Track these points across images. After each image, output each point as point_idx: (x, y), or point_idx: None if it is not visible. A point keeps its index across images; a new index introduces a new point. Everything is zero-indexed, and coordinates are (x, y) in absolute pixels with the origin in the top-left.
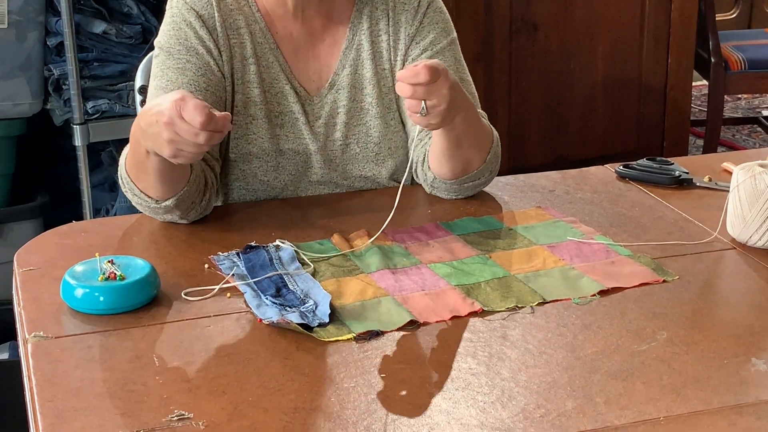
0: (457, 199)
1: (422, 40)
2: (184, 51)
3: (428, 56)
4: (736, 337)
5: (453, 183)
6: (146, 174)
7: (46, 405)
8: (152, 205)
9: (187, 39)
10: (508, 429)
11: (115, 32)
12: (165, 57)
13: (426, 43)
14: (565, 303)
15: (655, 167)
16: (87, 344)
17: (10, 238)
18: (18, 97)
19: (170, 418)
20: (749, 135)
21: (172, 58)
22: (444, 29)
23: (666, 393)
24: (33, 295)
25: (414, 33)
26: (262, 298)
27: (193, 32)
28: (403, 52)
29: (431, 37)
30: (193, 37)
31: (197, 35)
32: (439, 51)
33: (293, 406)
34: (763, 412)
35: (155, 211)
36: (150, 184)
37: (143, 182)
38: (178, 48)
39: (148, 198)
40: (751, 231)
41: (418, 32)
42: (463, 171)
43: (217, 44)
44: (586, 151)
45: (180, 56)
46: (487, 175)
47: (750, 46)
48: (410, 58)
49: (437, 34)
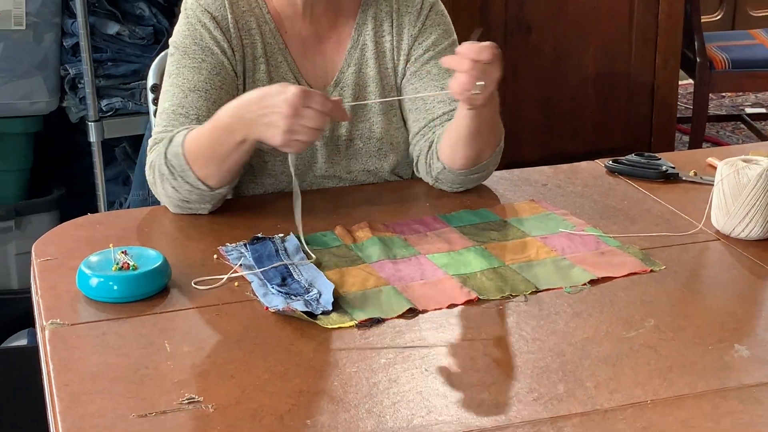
0: (455, 192)
1: (425, 40)
2: (200, 51)
3: (430, 56)
4: (720, 324)
5: (460, 174)
6: (222, 163)
7: (63, 389)
8: (205, 193)
9: (202, 39)
10: (502, 411)
11: (128, 33)
12: (181, 56)
13: (429, 43)
14: (557, 292)
15: (643, 162)
16: (101, 331)
17: (28, 230)
18: (35, 96)
19: (181, 401)
20: (733, 131)
21: (188, 57)
22: (446, 31)
23: (653, 377)
24: (50, 284)
25: (417, 33)
26: (269, 287)
27: (208, 32)
28: (406, 51)
29: (434, 38)
30: (208, 37)
31: (211, 35)
32: (441, 51)
33: (298, 390)
34: (745, 396)
35: (201, 198)
36: (217, 173)
37: (209, 170)
38: (193, 48)
39: (204, 186)
40: (735, 223)
41: (420, 33)
42: (474, 161)
43: (230, 44)
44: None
45: (196, 56)
46: (490, 168)
47: (734, 47)
48: (413, 58)
49: (439, 35)
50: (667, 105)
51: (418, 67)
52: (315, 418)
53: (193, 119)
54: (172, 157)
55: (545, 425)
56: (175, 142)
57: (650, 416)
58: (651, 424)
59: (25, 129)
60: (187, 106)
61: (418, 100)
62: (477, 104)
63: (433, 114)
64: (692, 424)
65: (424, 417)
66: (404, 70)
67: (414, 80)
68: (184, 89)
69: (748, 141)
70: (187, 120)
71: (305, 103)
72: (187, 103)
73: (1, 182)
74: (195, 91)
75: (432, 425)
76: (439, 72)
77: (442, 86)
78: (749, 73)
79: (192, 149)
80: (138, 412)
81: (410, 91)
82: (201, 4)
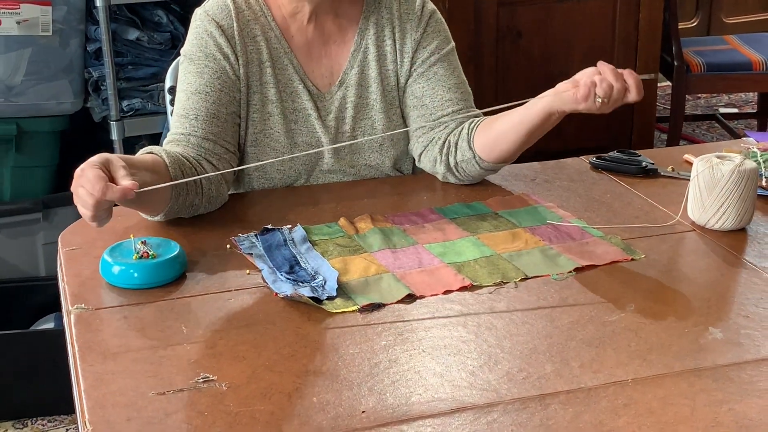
0: (451, 185)
1: (428, 45)
2: (203, 57)
3: (435, 59)
4: (696, 309)
5: (487, 165)
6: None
7: (87, 369)
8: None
9: (207, 46)
10: (494, 390)
11: (147, 39)
12: (188, 63)
13: (432, 47)
14: (544, 279)
15: (625, 159)
16: (123, 315)
17: (55, 222)
18: (61, 97)
19: (196, 380)
20: (707, 130)
21: (193, 64)
22: (446, 37)
23: (633, 358)
24: (75, 271)
25: (420, 38)
26: (278, 274)
27: (213, 40)
28: (410, 54)
29: (436, 43)
30: (212, 44)
31: (216, 43)
32: (444, 55)
33: (304, 370)
34: (719, 375)
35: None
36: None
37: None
38: (198, 55)
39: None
40: (709, 215)
41: (423, 38)
42: (509, 157)
43: (234, 50)
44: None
45: (199, 62)
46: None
47: (709, 51)
48: (419, 60)
49: (441, 41)
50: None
51: (426, 68)
52: (320, 396)
53: (192, 119)
54: None
55: (533, 402)
56: None
57: (631, 394)
58: (631, 401)
59: (52, 128)
60: (188, 108)
61: (421, 98)
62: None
63: (442, 111)
64: (670, 401)
65: (421, 395)
66: (409, 72)
67: (422, 81)
68: (187, 93)
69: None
70: (187, 121)
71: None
72: (188, 105)
73: (30, 177)
74: (196, 94)
75: (429, 402)
76: (446, 73)
77: (449, 87)
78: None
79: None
80: (157, 390)
81: (417, 90)
82: (209, 14)
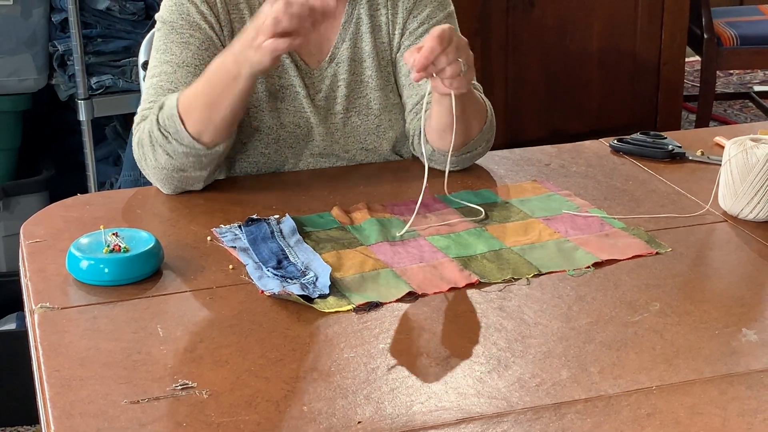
0: (455, 172)
1: (419, 13)
2: (187, 26)
3: (425, 29)
4: (728, 308)
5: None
6: (215, 110)
7: (53, 374)
8: (201, 152)
9: (189, 14)
10: (504, 398)
11: (118, 8)
12: (168, 31)
13: (423, 16)
14: (560, 275)
15: (649, 141)
16: (92, 315)
17: (16, 211)
18: (23, 73)
19: (174, 387)
20: (741, 110)
21: (176, 33)
22: (441, 3)
23: (658, 363)
24: (39, 266)
25: (411, 6)
26: (264, 269)
27: (195, 7)
28: (401, 25)
29: (428, 11)
30: (195, 12)
31: (198, 10)
32: (437, 24)
33: (294, 376)
34: (753, 381)
35: (196, 162)
36: (210, 124)
37: (203, 123)
38: (181, 23)
39: (199, 144)
40: (743, 204)
41: (415, 6)
42: (463, 141)
43: (218, 19)
44: (581, 125)
45: (183, 31)
46: (483, 144)
47: (742, 23)
48: (408, 31)
49: (434, 8)
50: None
51: (413, 40)
52: (311, 405)
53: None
54: (166, 119)
55: (548, 412)
56: (169, 104)
57: (655, 402)
58: (656, 410)
59: (13, 107)
60: (176, 81)
61: (410, 75)
62: (470, 78)
63: (425, 89)
64: (699, 410)
65: (423, 403)
66: (399, 44)
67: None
68: (172, 64)
69: (756, 120)
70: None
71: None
72: (176, 79)
73: None
74: (183, 67)
75: (432, 412)
76: None
77: None
78: (758, 49)
79: (185, 104)
80: (130, 398)
81: (405, 65)
82: None
